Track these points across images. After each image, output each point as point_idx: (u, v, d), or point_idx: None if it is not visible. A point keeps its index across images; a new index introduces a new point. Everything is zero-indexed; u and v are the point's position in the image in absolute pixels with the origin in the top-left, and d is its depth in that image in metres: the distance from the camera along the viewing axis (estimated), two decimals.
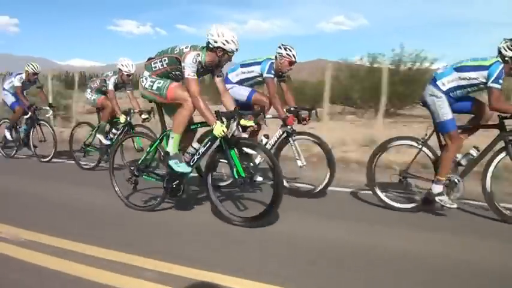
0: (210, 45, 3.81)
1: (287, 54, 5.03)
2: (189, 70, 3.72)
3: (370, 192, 4.69)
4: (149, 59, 4.16)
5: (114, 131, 6.57)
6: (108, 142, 6.48)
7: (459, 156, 4.38)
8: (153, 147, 4.32)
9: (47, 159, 7.51)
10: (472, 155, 4.32)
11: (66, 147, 7.32)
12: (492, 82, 3.88)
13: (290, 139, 5.07)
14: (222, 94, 4.08)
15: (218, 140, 3.84)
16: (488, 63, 3.94)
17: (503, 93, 4.03)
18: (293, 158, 5.12)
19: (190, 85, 3.76)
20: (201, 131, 4.45)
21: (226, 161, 3.95)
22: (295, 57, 5.07)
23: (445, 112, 4.16)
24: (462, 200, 4.50)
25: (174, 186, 4.13)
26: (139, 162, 4.47)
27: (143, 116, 6.29)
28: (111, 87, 6.29)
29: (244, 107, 5.36)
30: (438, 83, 4.19)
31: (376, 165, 4.60)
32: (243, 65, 5.25)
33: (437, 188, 4.26)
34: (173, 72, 4.00)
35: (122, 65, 6.26)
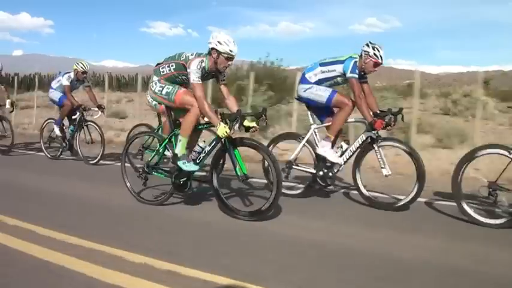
0: (208, 50, 4.11)
1: (374, 54, 4.55)
2: (194, 76, 4.02)
3: (455, 204, 4.16)
4: (157, 64, 4.44)
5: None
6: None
7: None
8: (162, 145, 4.53)
9: (94, 161, 7.17)
10: None
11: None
12: None
13: (375, 145, 4.56)
14: (227, 97, 4.36)
15: (222, 139, 4.03)
16: None
17: None
18: (377, 166, 4.64)
19: (195, 90, 4.06)
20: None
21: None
22: (382, 59, 4.56)
23: None
24: None
25: (182, 182, 4.35)
26: (150, 159, 4.66)
27: (246, 124, 5.61)
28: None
29: (320, 109, 4.84)
30: None
31: (463, 175, 4.10)
32: (322, 64, 4.79)
33: None
34: (180, 77, 4.29)
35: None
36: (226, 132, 3.84)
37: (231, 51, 4.04)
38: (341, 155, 4.73)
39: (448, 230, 3.81)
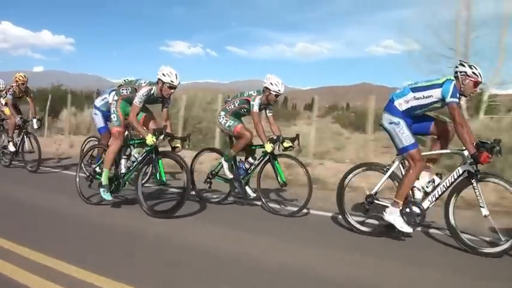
0: (157, 80, 4.99)
1: (473, 73, 4.03)
2: (137, 99, 4.97)
3: None
4: (119, 86, 5.54)
5: (251, 160, 5.60)
6: (231, 176, 5.54)
7: None
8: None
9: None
10: None
11: None
12: None
13: (473, 181, 3.98)
14: (165, 120, 5.32)
15: (151, 151, 4.99)
16: None
17: None
18: (474, 204, 4.07)
19: (132, 109, 5.02)
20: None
21: None
22: (481, 76, 4.05)
23: None
24: None
25: (114, 185, 5.31)
26: (95, 167, 5.75)
27: (285, 144, 5.30)
28: (256, 108, 5.28)
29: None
30: None
31: None
32: (415, 89, 4.22)
33: None
34: (132, 99, 5.06)
35: (271, 84, 5.25)
36: (153, 140, 4.81)
37: (172, 81, 4.89)
38: (432, 190, 4.17)
39: None
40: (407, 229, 4.16)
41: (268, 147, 5.20)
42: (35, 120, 7.90)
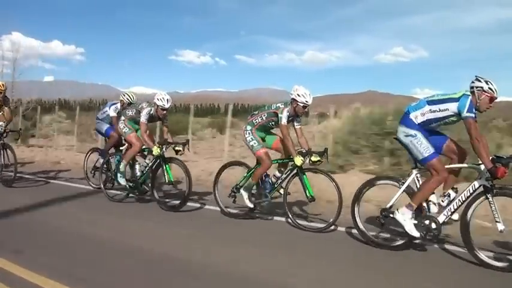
0: (153, 103, 6.25)
1: (489, 88, 4.04)
2: (143, 118, 6.19)
3: None
4: (123, 108, 7.02)
5: (277, 174, 5.54)
6: (251, 205, 5.47)
7: None
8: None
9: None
10: None
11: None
12: None
13: (489, 195, 3.97)
14: (164, 134, 6.54)
15: (159, 158, 6.15)
16: None
17: None
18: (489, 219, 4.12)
19: (141, 126, 6.26)
20: None
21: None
22: (497, 93, 4.07)
23: None
24: None
25: (133, 186, 6.60)
26: (114, 169, 6.99)
27: (313, 158, 5.09)
28: (284, 121, 5.21)
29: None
30: None
31: None
32: (431, 102, 4.26)
33: None
34: (136, 118, 6.36)
35: (298, 95, 5.18)
36: (158, 151, 6.01)
37: (163, 105, 6.13)
38: (448, 204, 4.18)
39: None
40: (415, 233, 4.17)
41: (298, 160, 5.08)
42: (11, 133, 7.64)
